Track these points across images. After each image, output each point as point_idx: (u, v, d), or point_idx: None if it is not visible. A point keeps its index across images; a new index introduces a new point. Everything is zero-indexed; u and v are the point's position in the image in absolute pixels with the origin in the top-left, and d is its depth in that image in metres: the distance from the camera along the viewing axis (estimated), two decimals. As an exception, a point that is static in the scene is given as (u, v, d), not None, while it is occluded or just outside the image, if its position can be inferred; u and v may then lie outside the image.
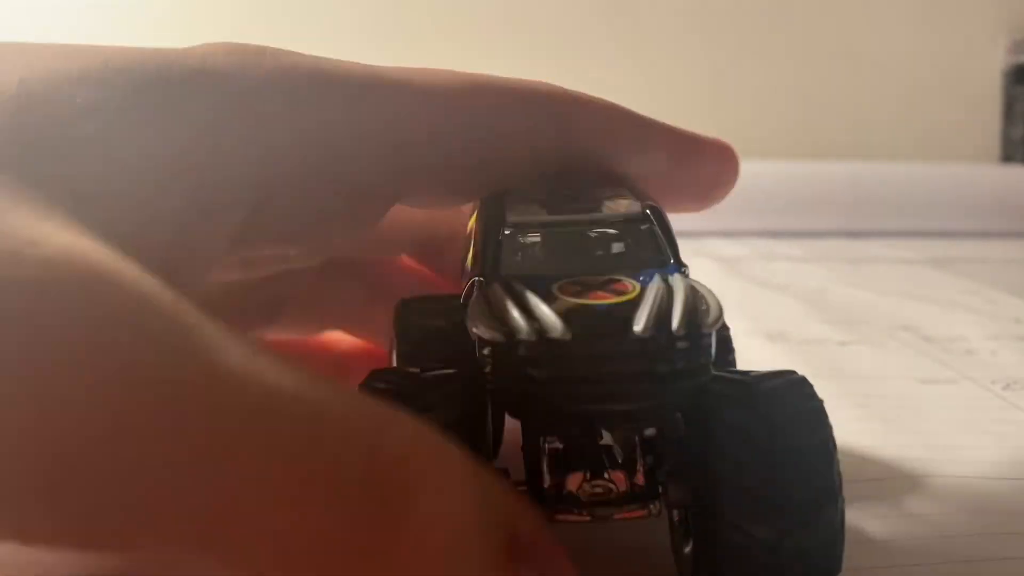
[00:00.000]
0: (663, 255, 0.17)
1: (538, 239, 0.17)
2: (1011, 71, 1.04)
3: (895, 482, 0.22)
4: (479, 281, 0.16)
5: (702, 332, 0.14)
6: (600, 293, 0.15)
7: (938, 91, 1.03)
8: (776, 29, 0.98)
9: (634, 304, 0.14)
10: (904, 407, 0.28)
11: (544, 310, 0.14)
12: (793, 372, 0.16)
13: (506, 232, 0.17)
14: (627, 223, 0.17)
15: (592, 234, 0.17)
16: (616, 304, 0.14)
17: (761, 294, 0.49)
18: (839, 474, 0.15)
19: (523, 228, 0.17)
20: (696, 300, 0.15)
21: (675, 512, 0.16)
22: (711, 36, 0.23)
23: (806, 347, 0.37)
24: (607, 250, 0.17)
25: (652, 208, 0.17)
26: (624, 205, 0.18)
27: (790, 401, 0.15)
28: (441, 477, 0.12)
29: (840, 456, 0.15)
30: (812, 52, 1.00)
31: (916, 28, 1.03)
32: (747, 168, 0.22)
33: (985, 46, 1.04)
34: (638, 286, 0.15)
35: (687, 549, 0.16)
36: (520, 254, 0.17)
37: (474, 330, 0.15)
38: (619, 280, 0.15)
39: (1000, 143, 1.04)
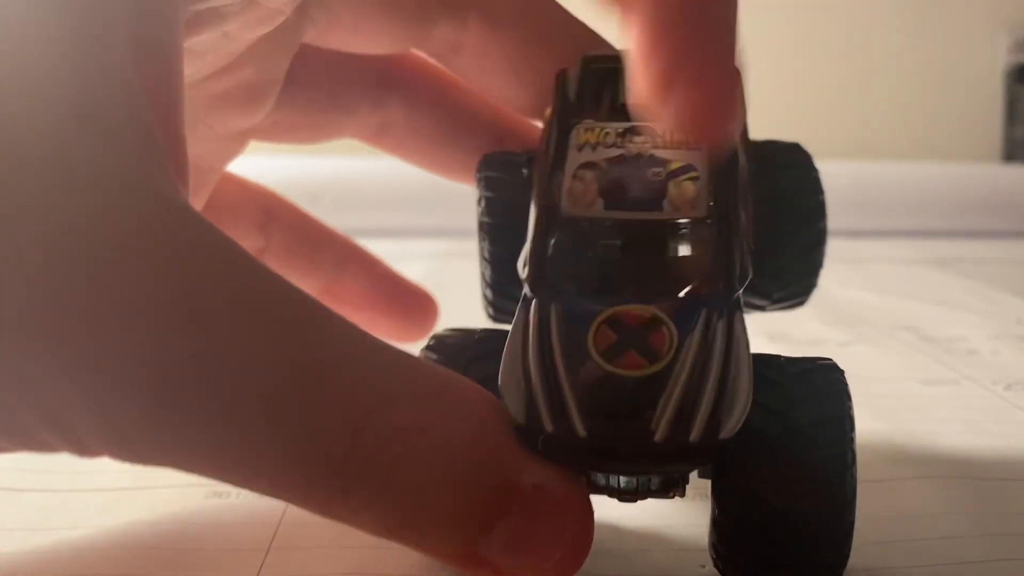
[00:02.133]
0: (715, 275, 0.16)
1: (588, 239, 0.16)
2: (1012, 70, 1.04)
3: (895, 482, 0.22)
4: (525, 297, 0.16)
5: (718, 439, 0.14)
6: (633, 355, 0.14)
7: (939, 90, 1.03)
8: (776, 29, 0.98)
9: (661, 382, 0.14)
10: (905, 407, 0.28)
11: (566, 391, 0.14)
12: (828, 359, 0.16)
13: (555, 229, 0.16)
14: (688, 226, 0.16)
15: (646, 239, 0.16)
16: (642, 380, 0.14)
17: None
18: (853, 450, 0.15)
19: (575, 224, 0.16)
20: (726, 385, 0.14)
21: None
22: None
23: (807, 347, 0.36)
24: (660, 263, 0.16)
25: (720, 206, 0.16)
26: (690, 194, 0.16)
27: (810, 379, 0.16)
28: (424, 394, 0.14)
29: None
30: (812, 52, 1.00)
31: (917, 27, 1.03)
32: (747, 168, 0.22)
33: (986, 45, 1.04)
34: (674, 343, 0.14)
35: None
36: (567, 255, 0.16)
37: (500, 391, 0.15)
38: (659, 326, 0.15)
39: (1002, 143, 1.04)
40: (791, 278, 0.21)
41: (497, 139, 0.24)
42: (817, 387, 0.16)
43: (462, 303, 0.48)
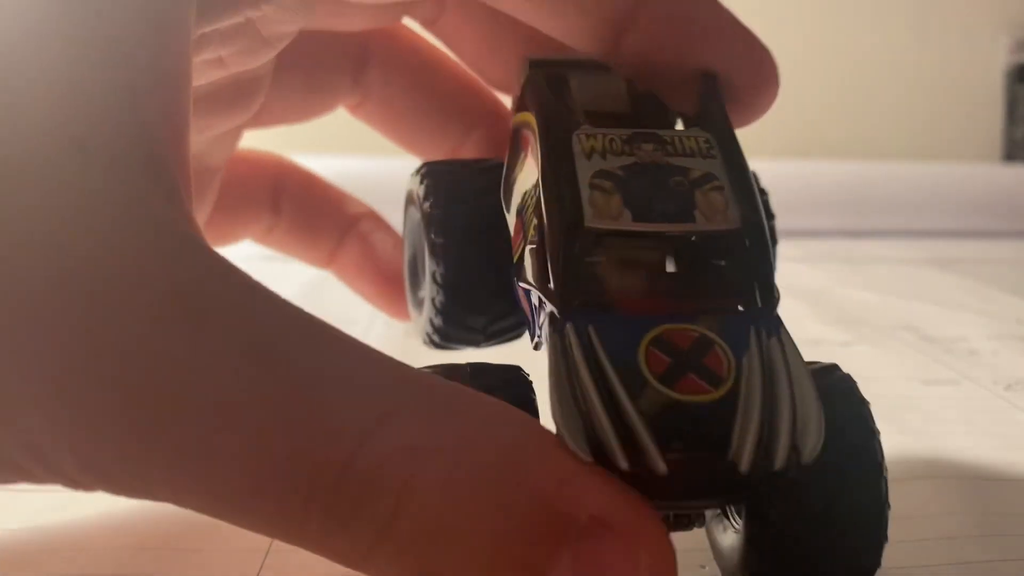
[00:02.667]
0: (757, 290, 0.15)
1: (620, 252, 0.15)
2: (1013, 70, 1.03)
3: (895, 483, 0.22)
4: (554, 318, 0.14)
5: (802, 464, 0.13)
6: (693, 379, 0.13)
7: (939, 91, 1.03)
8: (776, 29, 0.98)
9: (731, 406, 0.13)
10: (905, 408, 0.28)
11: (635, 422, 0.12)
12: (835, 366, 0.16)
13: (581, 241, 0.15)
14: (724, 237, 0.15)
15: (682, 252, 0.15)
16: (712, 405, 0.13)
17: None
18: (882, 455, 0.15)
19: (602, 236, 0.15)
20: (797, 406, 0.13)
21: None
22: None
23: (807, 347, 0.36)
24: (699, 278, 0.15)
25: (749, 216, 0.15)
26: (720, 205, 0.15)
27: (831, 393, 0.15)
28: (437, 408, 0.12)
29: None
30: (812, 52, 1.00)
31: (917, 28, 1.03)
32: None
33: (987, 45, 1.04)
34: (732, 364, 0.13)
35: (727, 541, 0.16)
36: (598, 271, 0.14)
37: (557, 426, 0.13)
38: (712, 346, 0.13)
39: (1002, 143, 1.04)
40: None
41: (470, 123, 0.24)
42: (838, 403, 0.15)
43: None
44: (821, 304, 0.46)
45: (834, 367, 0.16)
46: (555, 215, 0.15)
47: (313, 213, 0.26)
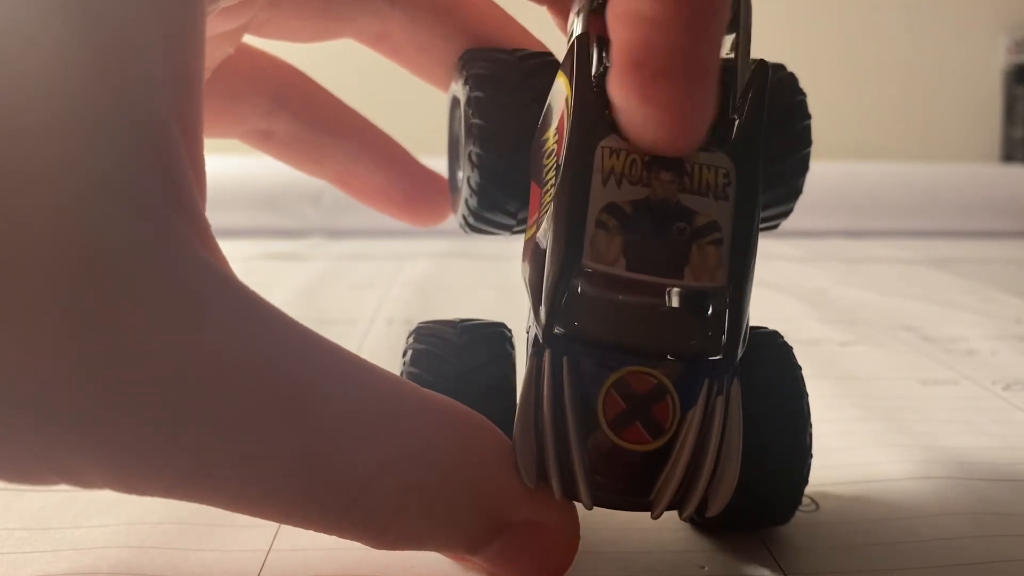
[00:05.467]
0: (721, 344, 0.16)
1: (605, 296, 0.16)
2: (1012, 71, 1.04)
3: (895, 483, 0.22)
4: (536, 343, 0.16)
5: (706, 516, 0.16)
6: (638, 428, 0.15)
7: (938, 91, 1.03)
8: (775, 29, 0.98)
9: (663, 459, 0.15)
10: (904, 407, 0.28)
11: (576, 465, 0.15)
12: (764, 328, 0.19)
13: (575, 279, 0.16)
14: (705, 295, 0.16)
15: (663, 304, 0.16)
16: (647, 456, 0.15)
17: (761, 294, 0.48)
18: (807, 404, 0.18)
19: (594, 279, 0.16)
20: (718, 467, 0.15)
21: None
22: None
23: (806, 347, 0.37)
24: (672, 328, 0.16)
25: (737, 272, 0.16)
26: (712, 262, 0.16)
27: (764, 345, 0.18)
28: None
29: (840, 456, 0.16)
30: (812, 52, 1.00)
31: (916, 28, 1.03)
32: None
33: (986, 46, 1.04)
34: (676, 417, 0.16)
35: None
36: (584, 308, 0.16)
37: (515, 449, 0.16)
38: (664, 396, 0.16)
39: (1000, 143, 1.04)
40: (771, 199, 0.20)
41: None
42: (771, 352, 0.18)
43: (461, 302, 0.48)
44: (821, 304, 0.46)
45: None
46: (559, 246, 0.16)
47: (316, 134, 0.26)
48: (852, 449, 0.24)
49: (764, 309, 0.45)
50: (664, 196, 0.16)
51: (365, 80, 0.55)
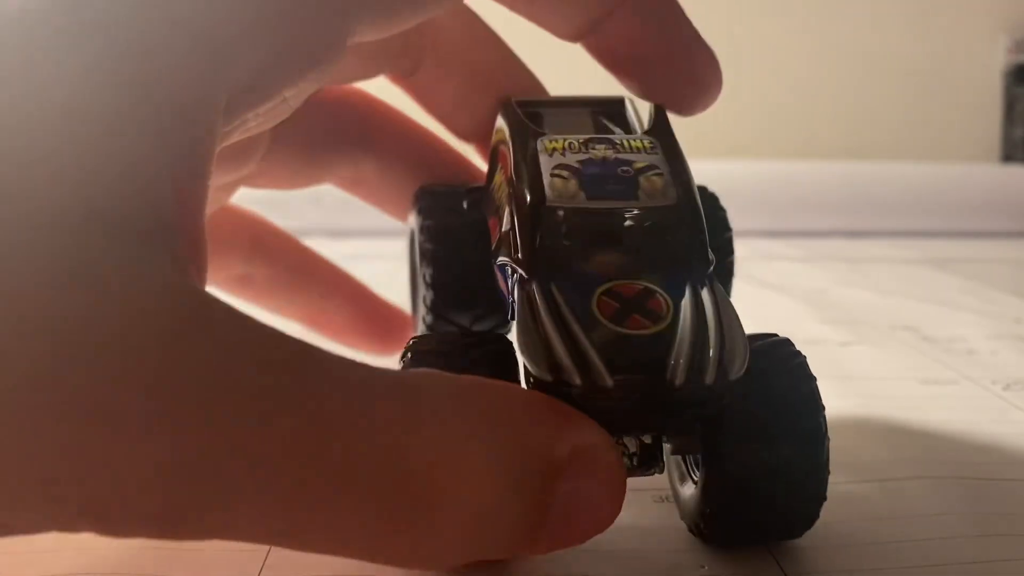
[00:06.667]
0: (691, 253, 0.17)
1: (576, 224, 0.17)
2: (1011, 71, 1.04)
3: (895, 482, 0.22)
4: (522, 280, 0.17)
5: (730, 380, 0.16)
6: (637, 318, 0.16)
7: (938, 91, 1.03)
8: (776, 29, 0.98)
9: (669, 337, 0.16)
10: (904, 407, 0.28)
11: (587, 349, 0.15)
12: (775, 335, 0.19)
13: (544, 217, 0.17)
14: (662, 211, 0.18)
15: (627, 223, 0.17)
16: (653, 337, 0.16)
17: (761, 294, 0.48)
18: (824, 418, 0.17)
19: (561, 212, 0.17)
20: (724, 335, 0.16)
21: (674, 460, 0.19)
22: (710, 36, 0.23)
23: (806, 347, 0.36)
24: (642, 244, 0.17)
25: (684, 195, 0.18)
26: (659, 186, 0.18)
27: (778, 356, 0.18)
28: (461, 470, 0.14)
29: (839, 457, 0.17)
30: (812, 52, 1.00)
31: (916, 28, 1.03)
32: (747, 168, 0.22)
33: (985, 46, 1.04)
34: (671, 306, 0.16)
35: (687, 492, 0.18)
36: (558, 239, 0.17)
37: (523, 361, 0.16)
38: (654, 294, 0.16)
39: (1000, 143, 1.04)
40: None
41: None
42: (785, 362, 0.18)
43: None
44: (821, 304, 0.46)
45: (776, 336, 0.19)
46: (522, 198, 0.18)
47: (291, 277, 0.29)
48: (851, 449, 0.24)
49: (764, 309, 0.45)
50: (603, 156, 0.18)
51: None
